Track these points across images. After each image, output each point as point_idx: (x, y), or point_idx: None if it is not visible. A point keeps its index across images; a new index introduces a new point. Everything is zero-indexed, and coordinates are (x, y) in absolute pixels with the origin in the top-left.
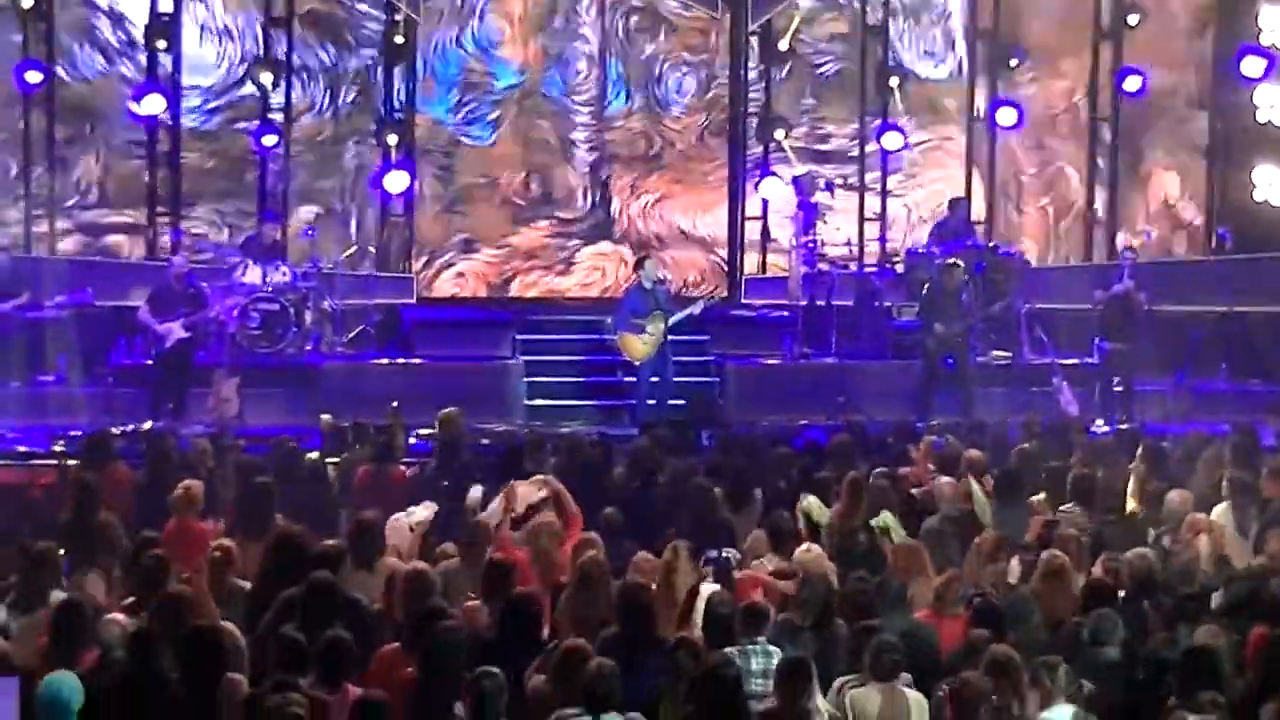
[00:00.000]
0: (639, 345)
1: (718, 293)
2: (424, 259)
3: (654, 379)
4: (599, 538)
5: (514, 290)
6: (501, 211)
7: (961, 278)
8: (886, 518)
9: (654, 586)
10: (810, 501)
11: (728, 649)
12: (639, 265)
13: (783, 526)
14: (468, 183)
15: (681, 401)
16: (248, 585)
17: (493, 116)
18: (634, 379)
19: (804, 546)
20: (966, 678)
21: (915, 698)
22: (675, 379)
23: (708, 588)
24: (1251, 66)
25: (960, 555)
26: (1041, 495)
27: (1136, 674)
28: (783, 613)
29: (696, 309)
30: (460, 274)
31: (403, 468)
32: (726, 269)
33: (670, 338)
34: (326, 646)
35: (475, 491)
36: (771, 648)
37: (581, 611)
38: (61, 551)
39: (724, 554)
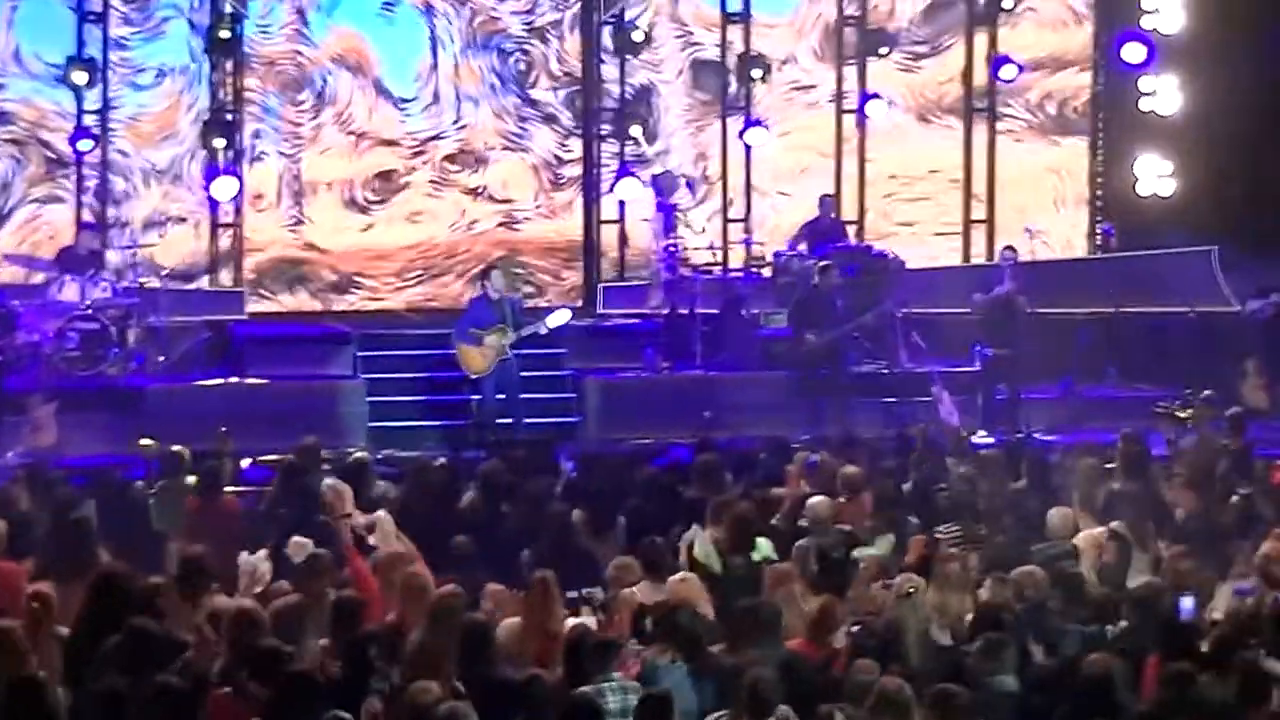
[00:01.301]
0: (477, 358)
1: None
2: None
3: (499, 395)
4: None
5: (354, 303)
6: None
7: (834, 281)
8: (763, 546)
9: (511, 620)
10: (696, 535)
11: (583, 687)
12: (485, 275)
13: (657, 557)
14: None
15: (536, 420)
16: (65, 632)
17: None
18: (478, 396)
19: (679, 575)
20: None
21: None
22: (529, 395)
23: (576, 620)
24: (1133, 53)
25: (838, 579)
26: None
27: (1031, 701)
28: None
29: (543, 328)
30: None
31: (234, 496)
32: (583, 276)
33: (519, 351)
34: (155, 695)
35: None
36: (630, 683)
37: (432, 650)
38: None
39: (585, 593)
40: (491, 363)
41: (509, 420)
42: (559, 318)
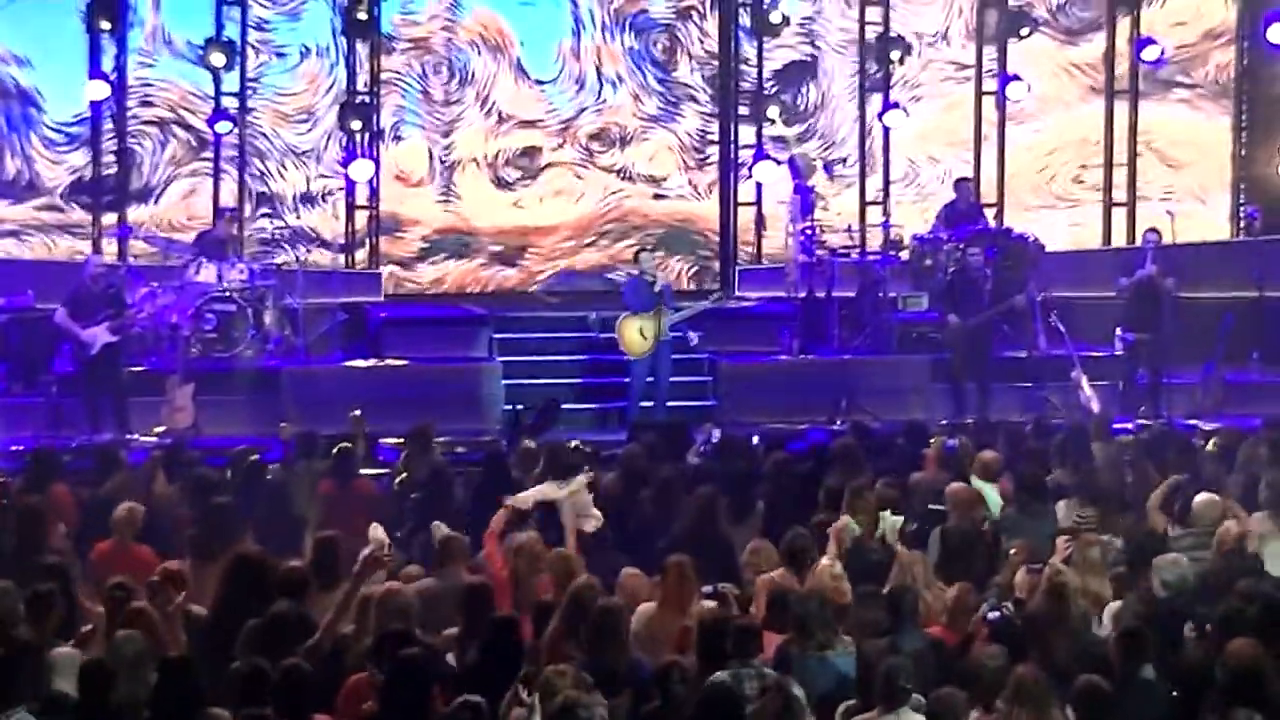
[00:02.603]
0: (638, 340)
1: (720, 294)
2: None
3: (649, 379)
4: (578, 556)
5: (491, 285)
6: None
7: (978, 264)
8: (887, 519)
9: (646, 606)
10: (847, 522)
11: (719, 673)
12: (636, 257)
13: (802, 545)
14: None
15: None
16: (195, 611)
17: None
18: (626, 379)
19: (826, 561)
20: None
21: None
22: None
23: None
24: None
25: (975, 566)
26: (1063, 503)
27: (1175, 692)
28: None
29: (699, 307)
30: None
31: (369, 479)
32: (719, 259)
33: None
34: (284, 676)
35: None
36: (768, 670)
37: (561, 638)
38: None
39: (720, 588)
40: (652, 345)
41: (650, 404)
42: (709, 303)
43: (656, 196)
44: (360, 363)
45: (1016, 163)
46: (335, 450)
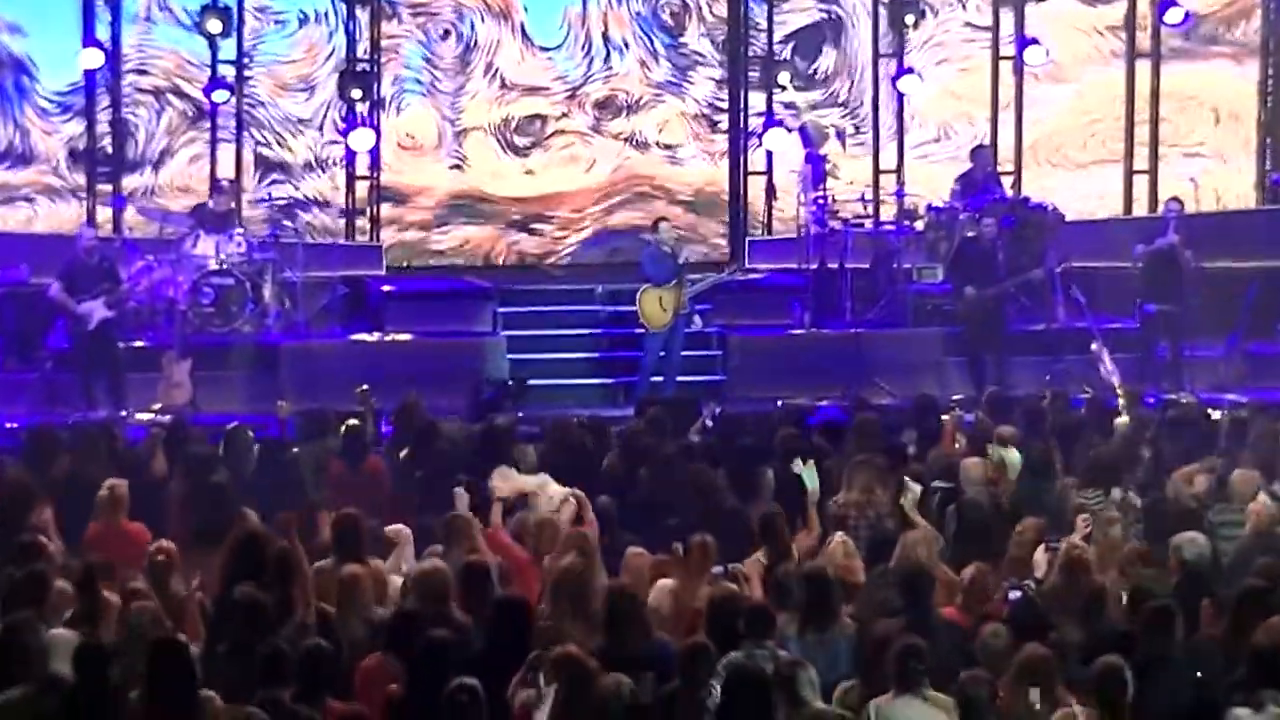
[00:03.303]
0: (659, 312)
1: (735, 266)
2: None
3: (661, 354)
4: (590, 533)
5: (494, 257)
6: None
7: (993, 234)
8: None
9: (659, 584)
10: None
11: (734, 653)
12: (654, 227)
13: (773, 521)
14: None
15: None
16: (188, 592)
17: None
18: (637, 353)
19: (839, 538)
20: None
21: (947, 704)
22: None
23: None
24: None
25: (992, 543)
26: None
27: (1197, 672)
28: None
29: (714, 280)
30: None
31: (379, 459)
32: (728, 229)
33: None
34: (305, 657)
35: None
36: (781, 652)
37: (565, 619)
38: None
39: (730, 568)
40: (671, 318)
41: (660, 379)
42: (726, 274)
43: (672, 162)
44: (364, 336)
45: (1043, 128)
46: (344, 429)
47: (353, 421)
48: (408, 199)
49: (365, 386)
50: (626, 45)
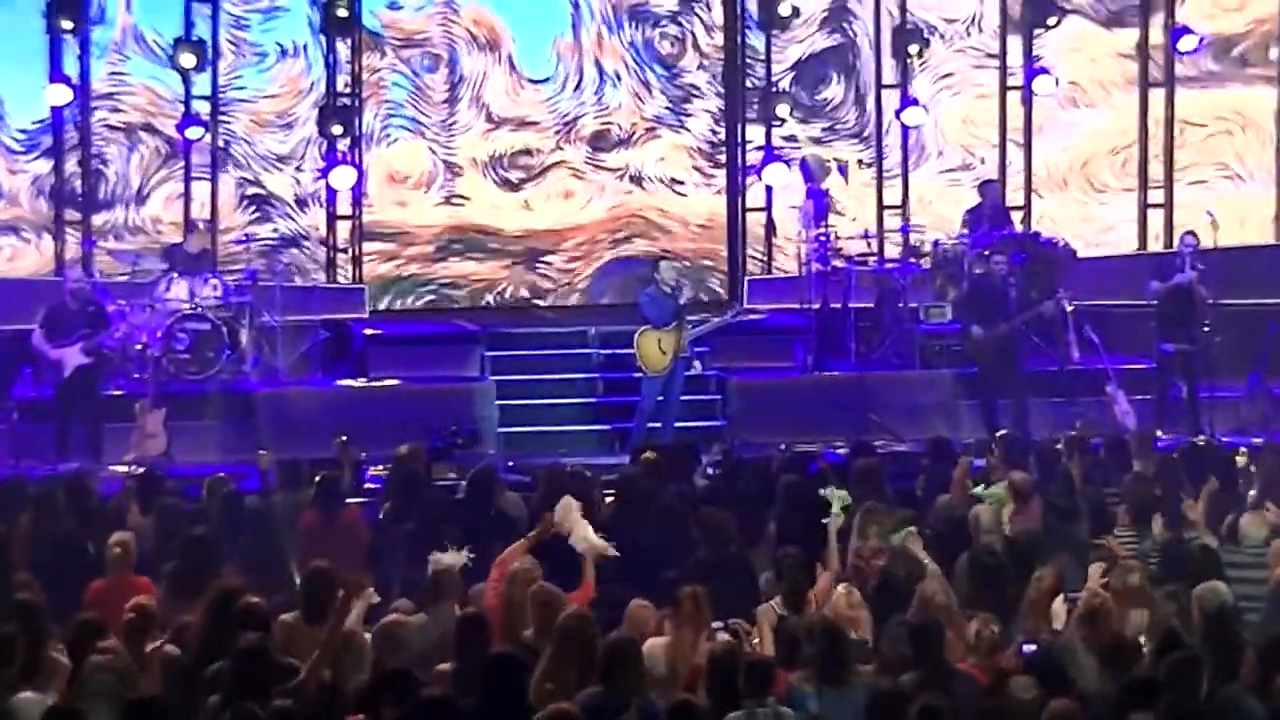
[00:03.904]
0: (657, 355)
1: (740, 309)
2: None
3: (659, 398)
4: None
5: (483, 300)
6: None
7: (1003, 271)
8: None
9: (655, 641)
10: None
11: (733, 714)
12: (655, 266)
13: (792, 567)
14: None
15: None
16: (169, 650)
17: None
18: (633, 398)
19: (843, 589)
20: None
21: None
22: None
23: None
24: None
25: (1003, 593)
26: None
27: None
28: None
29: (717, 323)
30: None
31: (356, 508)
32: (726, 268)
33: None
34: None
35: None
36: (784, 710)
37: (562, 673)
38: None
39: (731, 623)
40: (670, 362)
41: (658, 425)
42: (729, 318)
43: (678, 194)
44: (350, 382)
45: (1072, 154)
46: (318, 479)
47: (329, 472)
48: (402, 235)
49: (344, 437)
50: (619, 77)
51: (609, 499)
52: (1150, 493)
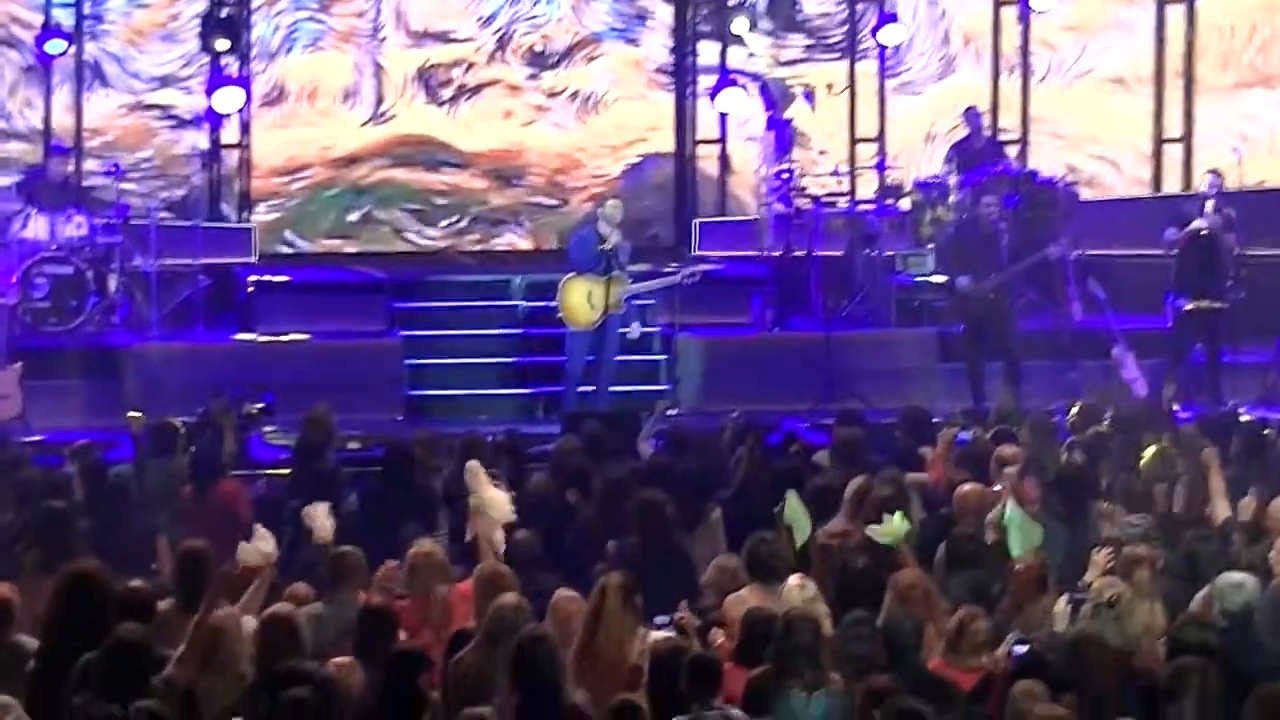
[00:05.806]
0: (584, 308)
1: (698, 270)
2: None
3: (589, 358)
4: (508, 572)
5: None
6: None
7: (994, 215)
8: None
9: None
10: (792, 504)
11: (677, 718)
12: (599, 204)
13: (770, 555)
14: None
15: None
16: (23, 641)
17: None
18: (560, 358)
19: (795, 580)
20: None
21: None
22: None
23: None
24: None
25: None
26: (1105, 505)
27: None
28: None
29: (665, 282)
30: None
31: (237, 482)
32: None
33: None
34: None
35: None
36: (735, 712)
37: (485, 671)
38: None
39: (675, 617)
40: (598, 318)
41: (591, 388)
42: (688, 276)
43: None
44: (239, 337)
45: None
46: (194, 447)
47: (206, 438)
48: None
49: (224, 397)
50: None
51: (536, 476)
52: (1168, 471)
